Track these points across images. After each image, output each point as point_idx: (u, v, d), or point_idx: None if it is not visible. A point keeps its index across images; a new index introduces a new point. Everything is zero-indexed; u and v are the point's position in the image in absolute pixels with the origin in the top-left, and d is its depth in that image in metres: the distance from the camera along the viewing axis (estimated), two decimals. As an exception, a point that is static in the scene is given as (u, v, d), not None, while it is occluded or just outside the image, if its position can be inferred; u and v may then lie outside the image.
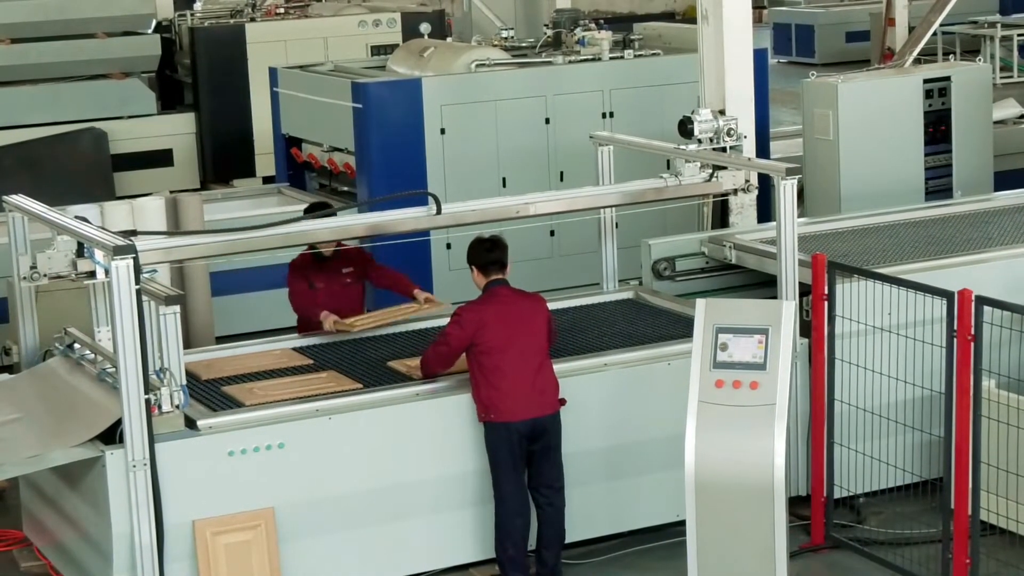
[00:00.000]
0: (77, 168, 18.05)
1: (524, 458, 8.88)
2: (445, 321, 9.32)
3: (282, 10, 20.96)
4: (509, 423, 8.77)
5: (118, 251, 8.04)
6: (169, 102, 20.18)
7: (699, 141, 10.50)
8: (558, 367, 9.24)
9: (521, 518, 8.90)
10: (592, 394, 9.30)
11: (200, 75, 19.59)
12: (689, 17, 26.50)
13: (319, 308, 10.27)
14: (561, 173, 14.46)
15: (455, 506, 9.06)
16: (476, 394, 8.88)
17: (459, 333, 8.87)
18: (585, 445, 9.26)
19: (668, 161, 10.84)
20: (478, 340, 8.81)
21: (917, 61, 15.09)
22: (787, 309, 8.37)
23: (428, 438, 8.94)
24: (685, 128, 10.55)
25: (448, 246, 13.90)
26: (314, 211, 10.13)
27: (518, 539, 8.90)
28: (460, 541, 9.09)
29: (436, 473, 8.98)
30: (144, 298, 8.17)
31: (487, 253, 9.03)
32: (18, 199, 9.45)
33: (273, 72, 16.10)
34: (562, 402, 8.96)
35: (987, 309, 8.40)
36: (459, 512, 9.07)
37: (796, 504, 9.44)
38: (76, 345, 9.44)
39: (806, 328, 9.54)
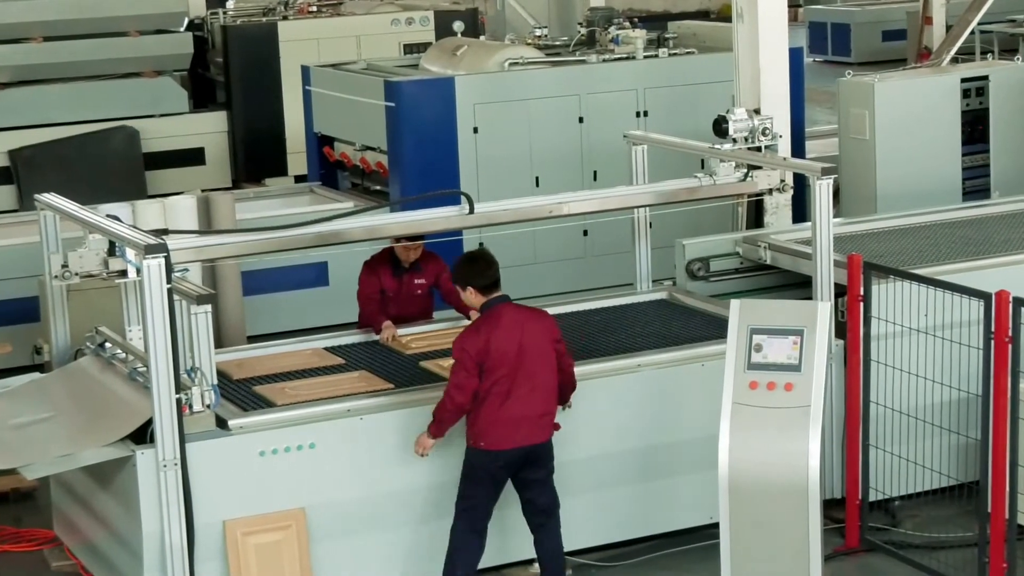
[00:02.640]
0: (109, 166, 18.11)
1: (504, 483, 8.62)
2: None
3: (315, 8, 20.97)
4: (500, 451, 8.48)
5: (149, 250, 8.06)
6: (201, 100, 20.22)
7: (734, 140, 10.49)
8: (591, 368, 9.25)
9: (479, 538, 8.62)
10: (625, 395, 9.28)
11: (232, 73, 19.62)
12: (724, 15, 26.45)
13: (384, 316, 10.24)
14: (595, 172, 14.45)
15: (487, 507, 9.04)
16: (469, 417, 8.55)
17: (472, 362, 8.38)
18: (618, 446, 9.25)
19: (702, 160, 10.83)
20: (482, 363, 8.42)
21: (954, 60, 15.04)
22: (822, 310, 8.35)
23: (460, 439, 8.92)
24: (720, 127, 10.54)
25: (480, 246, 13.89)
26: None
27: (471, 561, 8.61)
28: (492, 542, 9.06)
29: (468, 474, 8.97)
30: (175, 297, 8.19)
31: (488, 272, 8.60)
32: (50, 197, 9.48)
33: (305, 70, 16.12)
34: (556, 427, 8.71)
35: (1025, 311, 8.37)
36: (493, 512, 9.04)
37: (830, 507, 9.41)
38: (107, 344, 9.46)
39: (841, 329, 9.51)
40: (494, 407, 8.45)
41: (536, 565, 8.95)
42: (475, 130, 14.21)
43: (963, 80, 13.74)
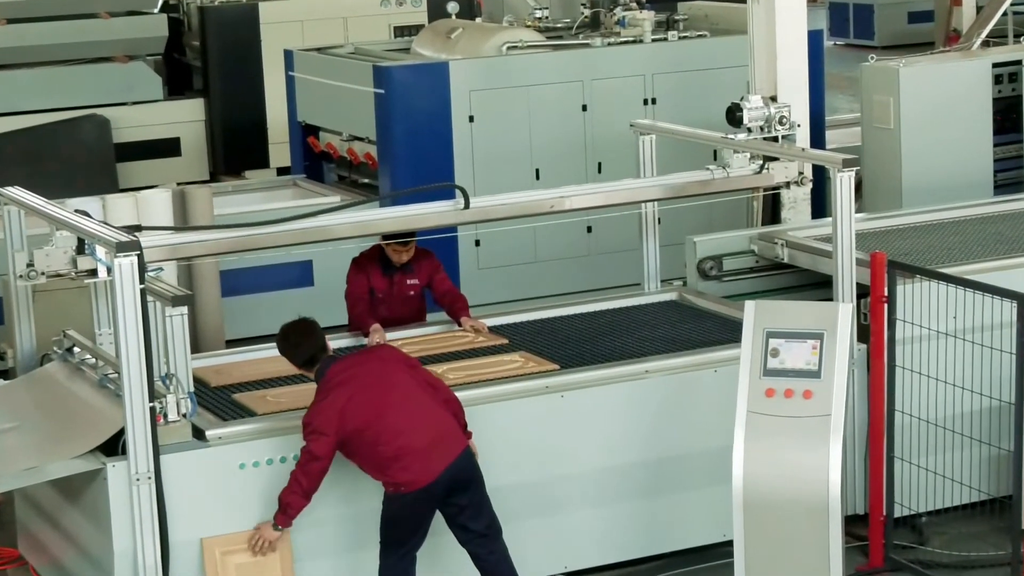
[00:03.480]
0: (78, 158, 18.10)
1: (431, 518, 8.53)
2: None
3: (298, -12, 20.99)
4: (428, 485, 8.36)
5: (121, 247, 8.06)
6: (177, 87, 20.21)
7: (749, 130, 10.50)
8: (595, 374, 9.26)
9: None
10: (632, 403, 9.29)
11: (210, 58, 19.62)
12: (738, -4, 26.48)
13: (374, 318, 10.22)
14: (599, 164, 14.46)
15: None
16: (378, 478, 8.45)
17: (324, 441, 8.27)
18: (625, 459, 9.26)
19: (715, 152, 10.85)
20: (347, 429, 8.32)
21: (985, 44, 15.03)
22: (843, 312, 8.35)
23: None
24: (734, 116, 10.55)
25: (477, 243, 13.91)
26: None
27: None
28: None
29: (463, 488, 8.97)
30: (149, 298, 8.19)
31: (302, 347, 8.59)
32: (14, 191, 9.49)
33: (289, 55, 16.13)
34: (468, 434, 8.62)
35: (1061, 313, 8.39)
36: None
37: (853, 523, 9.42)
38: (76, 349, 9.47)
39: (864, 333, 9.51)
40: (399, 451, 8.33)
41: None
42: (471, 119, 14.22)
43: (995, 65, 13.75)
